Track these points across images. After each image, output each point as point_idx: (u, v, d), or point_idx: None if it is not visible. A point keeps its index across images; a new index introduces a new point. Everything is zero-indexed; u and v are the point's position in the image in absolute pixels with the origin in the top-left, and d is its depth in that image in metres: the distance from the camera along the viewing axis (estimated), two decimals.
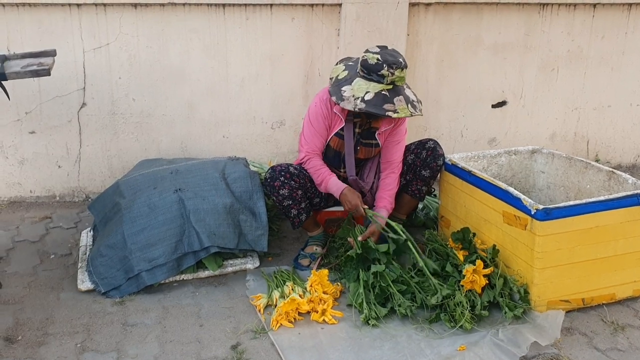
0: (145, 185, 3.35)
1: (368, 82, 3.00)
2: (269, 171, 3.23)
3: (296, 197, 3.21)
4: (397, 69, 2.96)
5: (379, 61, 2.96)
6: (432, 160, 3.28)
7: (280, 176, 3.18)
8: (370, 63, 2.99)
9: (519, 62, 4.53)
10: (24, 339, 2.69)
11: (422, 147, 3.32)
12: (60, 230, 3.76)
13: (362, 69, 3.03)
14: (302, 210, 3.26)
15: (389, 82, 2.97)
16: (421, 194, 3.40)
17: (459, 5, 4.29)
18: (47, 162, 4.10)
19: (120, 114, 4.09)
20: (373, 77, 2.99)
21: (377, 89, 2.97)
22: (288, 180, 3.18)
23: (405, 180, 3.37)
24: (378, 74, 2.97)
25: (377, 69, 2.97)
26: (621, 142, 4.93)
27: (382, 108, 2.94)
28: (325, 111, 3.19)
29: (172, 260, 3.09)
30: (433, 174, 3.33)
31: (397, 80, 2.99)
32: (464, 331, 2.70)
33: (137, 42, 3.97)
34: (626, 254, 2.86)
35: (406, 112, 2.96)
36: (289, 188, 3.18)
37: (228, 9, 4.02)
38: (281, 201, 3.20)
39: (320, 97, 3.22)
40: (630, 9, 4.57)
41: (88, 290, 3.05)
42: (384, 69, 2.95)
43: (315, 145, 3.24)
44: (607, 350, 2.64)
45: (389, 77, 2.96)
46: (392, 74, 2.96)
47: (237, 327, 2.78)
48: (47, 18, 3.83)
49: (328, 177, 3.21)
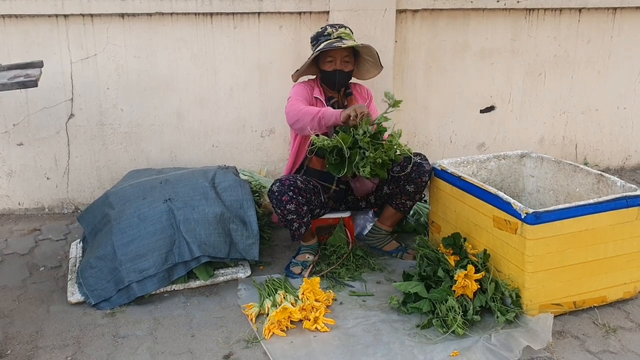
0: (135, 196, 3.33)
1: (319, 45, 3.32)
2: (277, 184, 3.19)
3: (301, 212, 3.20)
4: (340, 28, 3.35)
5: (321, 28, 3.39)
6: (417, 176, 3.27)
7: (289, 190, 3.16)
8: (317, 32, 3.40)
9: (507, 67, 4.56)
10: (14, 352, 2.66)
11: (409, 161, 3.25)
12: (49, 242, 3.74)
13: (312, 43, 3.40)
14: (304, 223, 3.25)
15: (335, 36, 3.32)
16: (405, 208, 3.40)
17: (446, 11, 4.31)
18: (35, 174, 4.08)
19: (109, 125, 4.07)
20: (321, 40, 3.33)
21: (328, 41, 3.30)
22: (296, 195, 3.16)
23: (389, 190, 3.38)
24: (324, 35, 3.34)
25: (322, 32, 3.36)
26: (609, 145, 4.96)
27: (332, 45, 3.24)
28: (307, 89, 3.39)
29: (162, 271, 3.07)
30: (418, 190, 3.31)
31: (342, 35, 3.32)
32: (457, 336, 2.70)
33: (125, 52, 3.96)
34: (616, 256, 2.87)
35: (354, 43, 3.26)
36: (297, 203, 3.17)
37: (216, 17, 4.02)
38: (285, 215, 3.19)
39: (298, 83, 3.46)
40: (615, 13, 4.62)
41: (78, 303, 3.02)
42: (327, 29, 3.35)
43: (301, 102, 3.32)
44: (599, 353, 2.65)
45: (335, 33, 3.32)
46: (336, 30, 3.33)
47: (229, 337, 2.76)
48: (33, 29, 3.81)
49: (323, 109, 3.14)
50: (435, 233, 3.41)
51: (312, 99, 3.39)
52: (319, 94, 3.40)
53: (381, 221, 3.48)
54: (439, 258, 3.04)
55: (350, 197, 3.50)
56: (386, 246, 3.50)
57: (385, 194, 3.40)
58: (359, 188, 3.38)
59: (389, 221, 3.47)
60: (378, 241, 3.51)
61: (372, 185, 3.38)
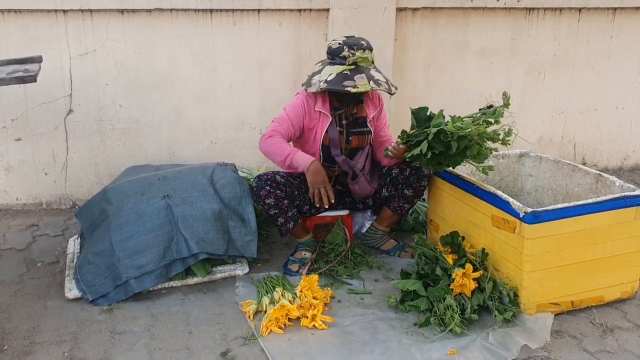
0: (133, 192, 3.33)
1: (333, 66, 3.15)
2: (255, 180, 3.23)
3: (282, 206, 3.20)
4: (359, 50, 3.11)
5: (340, 45, 3.14)
6: (415, 180, 3.26)
7: (266, 185, 3.17)
8: (333, 48, 3.17)
9: (506, 67, 4.56)
10: (10, 348, 2.66)
11: (408, 165, 3.27)
12: (47, 237, 3.73)
13: (328, 56, 3.21)
14: (289, 218, 3.25)
15: (351, 62, 3.12)
16: (403, 211, 3.40)
17: (446, 10, 4.31)
18: (33, 169, 4.07)
19: (108, 120, 4.06)
20: (337, 61, 3.15)
21: (339, 70, 3.12)
22: (274, 189, 3.17)
23: (388, 193, 3.37)
24: (340, 57, 3.13)
25: (339, 51, 3.13)
26: (608, 145, 4.96)
27: (342, 85, 3.06)
28: (306, 106, 3.24)
29: (160, 267, 3.07)
30: (416, 194, 3.31)
31: (359, 60, 3.12)
32: (454, 335, 2.70)
33: (124, 48, 3.95)
34: (614, 256, 2.88)
35: (366, 87, 3.06)
36: (275, 197, 3.17)
37: (215, 14, 4.01)
38: (267, 210, 3.20)
39: (301, 95, 3.29)
40: (614, 13, 4.62)
41: (75, 299, 3.02)
42: (344, 51, 3.11)
43: (284, 129, 3.22)
44: (596, 353, 2.65)
45: (351, 58, 3.11)
46: (353, 55, 3.10)
47: (226, 334, 2.76)
48: (33, 24, 3.80)
49: (294, 151, 3.16)
50: (433, 231, 3.41)
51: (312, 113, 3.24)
52: (321, 106, 3.24)
53: (378, 222, 3.48)
54: (437, 256, 3.04)
55: (348, 199, 3.50)
56: (384, 245, 3.50)
57: (383, 196, 3.40)
58: (357, 191, 3.38)
59: (386, 222, 3.47)
60: (375, 241, 3.50)
61: (371, 189, 3.38)
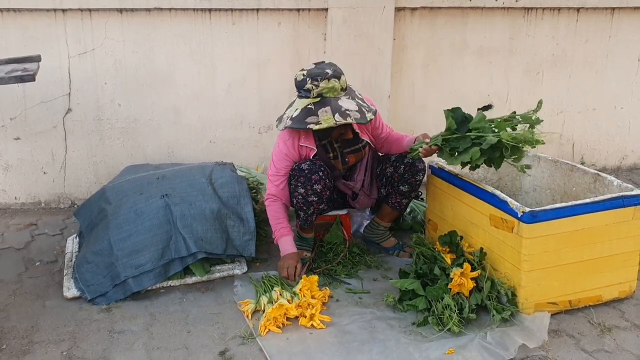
0: (132, 191, 3.33)
1: (300, 100, 3.00)
2: (307, 163, 3.09)
3: (323, 197, 3.13)
4: (323, 80, 2.92)
5: (304, 77, 2.97)
6: (410, 176, 3.25)
7: (319, 170, 3.07)
8: (298, 80, 3.00)
9: (504, 66, 4.56)
10: (9, 347, 2.66)
11: (401, 162, 3.26)
12: (45, 237, 3.73)
13: (296, 89, 3.04)
14: (318, 211, 3.21)
15: (315, 94, 2.95)
16: (402, 206, 3.40)
17: (444, 9, 4.31)
18: (32, 169, 4.07)
19: (106, 120, 4.06)
20: (302, 94, 3.00)
21: (304, 104, 2.96)
22: (325, 177, 3.09)
23: (385, 192, 3.37)
24: (304, 90, 2.97)
25: (303, 84, 2.97)
26: (606, 144, 4.97)
27: (304, 122, 2.91)
28: (290, 149, 3.14)
29: (159, 267, 3.07)
30: (412, 189, 3.30)
31: (324, 91, 2.94)
32: (452, 334, 2.70)
33: (122, 47, 3.95)
34: (612, 255, 2.88)
35: (330, 122, 2.88)
36: (323, 185, 3.08)
37: (214, 13, 4.01)
38: (308, 195, 3.10)
39: (282, 137, 3.19)
40: (613, 13, 4.62)
41: (74, 298, 3.02)
42: (307, 83, 2.94)
43: (280, 186, 3.17)
44: (594, 352, 2.65)
45: (315, 90, 2.93)
46: (317, 86, 2.93)
47: (225, 333, 2.76)
48: (32, 23, 3.80)
49: (281, 234, 3.15)
50: (431, 231, 3.41)
51: (297, 150, 3.15)
52: (305, 140, 3.13)
53: (379, 217, 3.48)
54: (436, 256, 3.05)
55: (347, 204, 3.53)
56: (385, 242, 3.50)
57: (381, 195, 3.41)
58: (358, 206, 3.43)
59: (387, 218, 3.47)
60: (377, 237, 3.51)
61: (371, 201, 3.40)
